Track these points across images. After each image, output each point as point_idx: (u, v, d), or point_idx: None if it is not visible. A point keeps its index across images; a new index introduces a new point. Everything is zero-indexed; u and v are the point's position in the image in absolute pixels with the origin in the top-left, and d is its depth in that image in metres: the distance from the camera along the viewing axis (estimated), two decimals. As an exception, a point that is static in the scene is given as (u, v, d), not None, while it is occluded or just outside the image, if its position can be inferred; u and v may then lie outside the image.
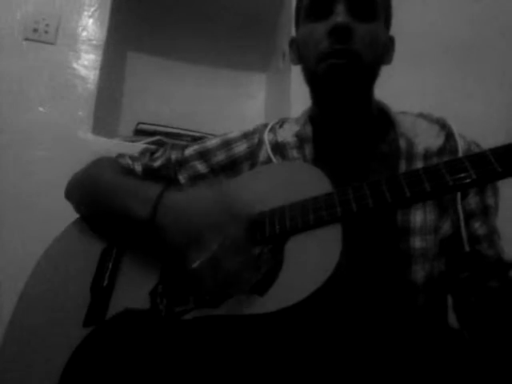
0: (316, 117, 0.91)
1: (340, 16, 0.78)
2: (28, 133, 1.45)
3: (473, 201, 0.82)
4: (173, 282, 0.69)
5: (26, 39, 1.53)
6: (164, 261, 0.73)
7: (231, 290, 0.63)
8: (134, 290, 0.71)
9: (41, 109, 1.48)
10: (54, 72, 1.52)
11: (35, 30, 1.54)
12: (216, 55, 1.97)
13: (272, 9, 1.89)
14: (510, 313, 0.70)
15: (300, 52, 0.88)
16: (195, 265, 0.62)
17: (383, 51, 0.86)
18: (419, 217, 0.78)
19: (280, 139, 0.89)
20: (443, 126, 0.86)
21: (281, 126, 0.94)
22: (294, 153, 0.86)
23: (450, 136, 0.84)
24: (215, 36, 1.95)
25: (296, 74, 1.64)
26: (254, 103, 2.01)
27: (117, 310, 0.67)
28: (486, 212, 0.82)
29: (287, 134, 0.90)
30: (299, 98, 1.57)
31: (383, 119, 0.90)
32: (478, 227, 0.81)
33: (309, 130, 0.89)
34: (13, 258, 1.27)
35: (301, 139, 0.88)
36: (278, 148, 0.88)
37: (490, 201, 0.83)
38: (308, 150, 0.86)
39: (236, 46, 1.96)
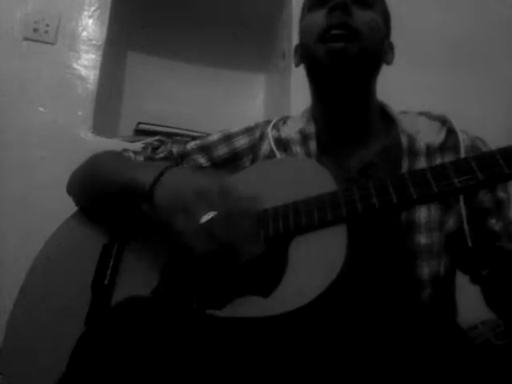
0: (318, 114, 0.90)
1: None
2: (28, 133, 1.45)
3: (485, 198, 0.81)
4: (175, 280, 0.69)
5: (26, 39, 1.53)
6: (167, 247, 0.72)
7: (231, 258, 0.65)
8: (136, 289, 0.71)
9: (41, 109, 1.48)
10: (54, 72, 1.52)
11: (35, 30, 1.54)
12: (216, 55, 1.97)
13: (272, 9, 1.89)
14: None
15: (302, 46, 0.87)
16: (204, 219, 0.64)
17: (383, 44, 0.85)
18: (423, 213, 0.77)
19: (284, 135, 0.89)
20: (444, 122, 0.86)
21: (284, 123, 0.94)
22: (298, 148, 0.86)
23: (451, 132, 0.84)
24: (215, 36, 1.95)
25: (296, 74, 1.66)
26: (253, 103, 2.01)
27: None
28: (500, 207, 0.81)
29: (291, 131, 0.90)
30: (299, 98, 1.57)
31: (384, 118, 0.90)
32: (495, 224, 0.80)
33: (312, 126, 0.89)
34: (13, 257, 1.27)
35: (304, 135, 0.88)
36: (282, 144, 0.88)
37: (502, 194, 0.82)
38: (312, 145, 0.86)
39: (236, 46, 1.96)
